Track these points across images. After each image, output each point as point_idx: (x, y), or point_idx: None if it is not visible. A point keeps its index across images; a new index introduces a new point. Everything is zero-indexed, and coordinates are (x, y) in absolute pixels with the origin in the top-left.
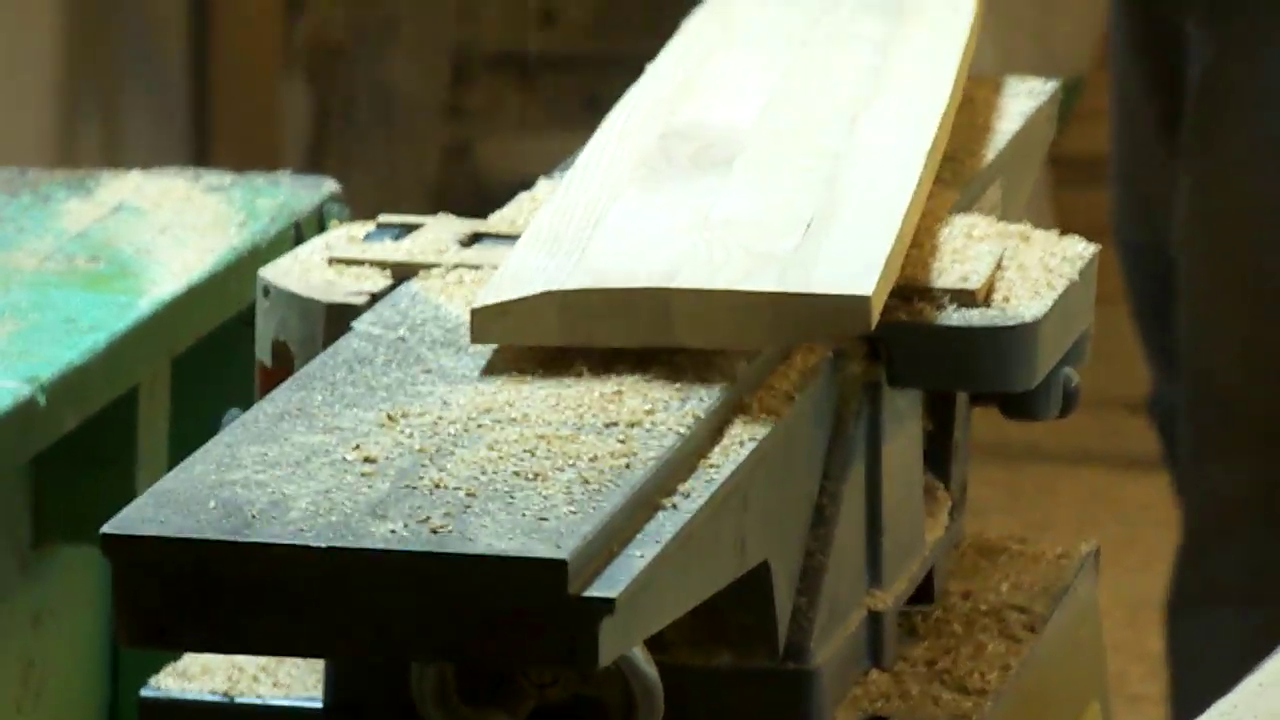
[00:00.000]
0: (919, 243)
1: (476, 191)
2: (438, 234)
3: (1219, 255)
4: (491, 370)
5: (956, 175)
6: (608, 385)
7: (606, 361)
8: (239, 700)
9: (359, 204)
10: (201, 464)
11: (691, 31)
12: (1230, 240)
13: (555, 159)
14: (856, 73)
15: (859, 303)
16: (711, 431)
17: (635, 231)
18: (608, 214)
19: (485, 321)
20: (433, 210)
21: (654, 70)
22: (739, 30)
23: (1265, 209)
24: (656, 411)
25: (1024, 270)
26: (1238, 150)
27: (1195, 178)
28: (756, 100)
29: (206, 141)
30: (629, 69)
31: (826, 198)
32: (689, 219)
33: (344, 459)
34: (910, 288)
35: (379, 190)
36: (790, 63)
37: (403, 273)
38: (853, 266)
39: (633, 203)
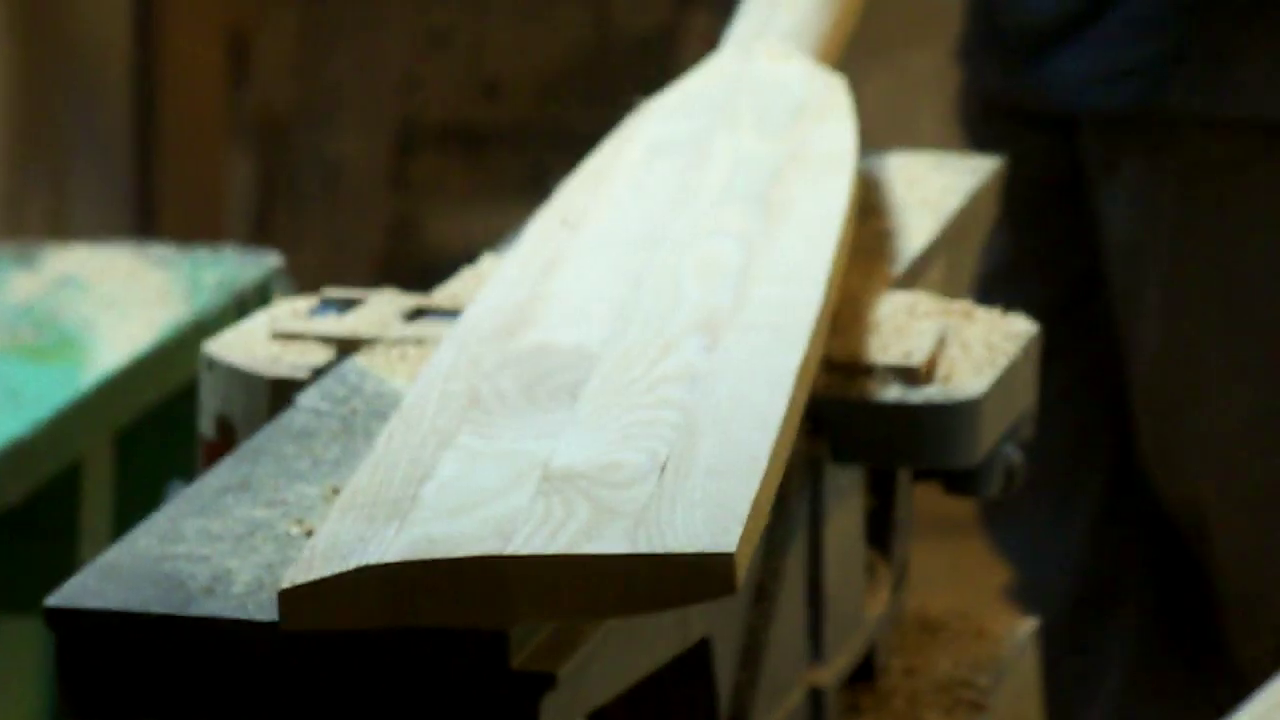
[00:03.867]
0: (861, 319)
1: (421, 265)
2: (381, 309)
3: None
4: None
5: (899, 252)
6: None
7: None
8: None
9: (303, 277)
10: (145, 537)
11: (534, 236)
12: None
13: (501, 232)
14: (717, 278)
15: (721, 562)
16: None
17: (465, 488)
18: (435, 468)
19: (296, 604)
20: (377, 283)
21: (491, 286)
22: (586, 233)
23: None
24: None
25: (966, 348)
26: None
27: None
28: (604, 317)
29: (151, 215)
30: (574, 140)
31: (685, 432)
32: (526, 468)
33: (287, 533)
34: (853, 364)
35: (323, 263)
36: (642, 269)
37: (346, 347)
38: (714, 517)
39: (463, 452)
